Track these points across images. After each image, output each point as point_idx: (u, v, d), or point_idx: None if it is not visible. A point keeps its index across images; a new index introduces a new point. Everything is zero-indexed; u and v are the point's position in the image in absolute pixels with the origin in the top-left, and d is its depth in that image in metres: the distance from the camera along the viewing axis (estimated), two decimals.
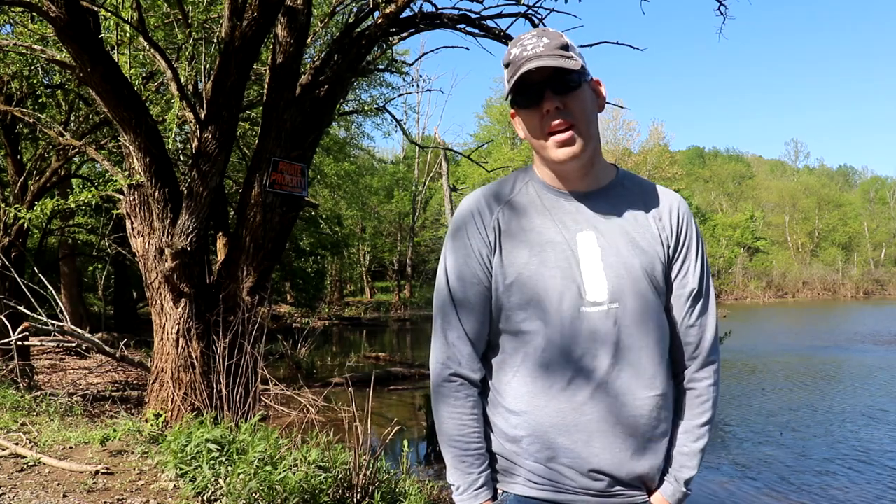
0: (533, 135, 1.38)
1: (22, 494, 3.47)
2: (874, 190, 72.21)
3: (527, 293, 1.35)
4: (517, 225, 1.39)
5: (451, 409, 1.41)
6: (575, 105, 1.34)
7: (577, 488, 1.36)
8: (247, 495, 3.26)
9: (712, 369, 1.44)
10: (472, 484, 1.39)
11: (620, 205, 1.42)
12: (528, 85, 1.33)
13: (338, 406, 5.49)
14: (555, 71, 1.32)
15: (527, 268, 1.36)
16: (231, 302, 5.16)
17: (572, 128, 1.33)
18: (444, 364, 1.42)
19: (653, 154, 47.92)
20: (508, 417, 1.39)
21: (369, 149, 31.20)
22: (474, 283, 1.40)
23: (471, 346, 1.42)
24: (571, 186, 1.41)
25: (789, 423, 9.14)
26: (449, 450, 1.41)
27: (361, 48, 5.58)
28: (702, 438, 1.42)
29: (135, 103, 4.85)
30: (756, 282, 52.66)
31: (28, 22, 6.21)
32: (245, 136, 9.66)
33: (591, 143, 1.37)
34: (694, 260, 1.42)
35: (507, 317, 1.39)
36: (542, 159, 1.41)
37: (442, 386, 1.42)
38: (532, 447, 1.36)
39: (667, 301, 1.42)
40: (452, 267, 1.42)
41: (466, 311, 1.41)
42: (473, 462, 1.39)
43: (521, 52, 1.34)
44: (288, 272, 21.14)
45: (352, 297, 37.00)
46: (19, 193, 8.46)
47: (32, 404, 5.76)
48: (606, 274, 1.35)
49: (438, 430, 1.43)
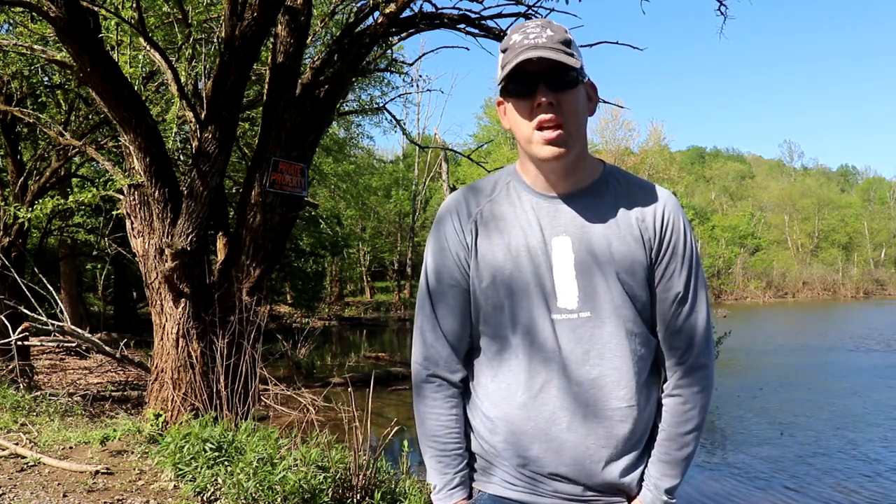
0: (519, 126, 1.33)
1: (22, 494, 3.47)
2: (874, 190, 72.20)
3: (500, 298, 1.34)
4: (494, 227, 1.37)
5: (429, 409, 1.42)
6: (568, 103, 1.29)
7: (550, 492, 1.35)
8: (246, 495, 3.26)
9: (701, 375, 1.38)
10: (447, 483, 1.40)
11: (601, 206, 1.36)
12: (523, 74, 1.28)
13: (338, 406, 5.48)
14: (553, 65, 1.27)
15: (501, 272, 1.34)
16: (231, 302, 5.16)
17: (561, 126, 1.28)
18: (422, 365, 1.43)
19: (652, 154, 47.94)
20: (485, 421, 1.39)
21: (369, 148, 31.22)
22: (451, 284, 1.39)
23: (449, 348, 1.41)
24: (553, 187, 1.37)
25: (789, 423, 9.14)
26: (427, 449, 1.43)
27: (361, 48, 5.58)
28: (687, 447, 1.37)
29: (135, 103, 4.85)
30: (756, 282, 52.64)
31: (28, 22, 6.21)
32: (245, 136, 9.65)
33: (578, 145, 1.32)
34: (680, 262, 1.35)
35: (483, 319, 1.38)
36: (525, 154, 1.36)
37: (421, 386, 1.43)
38: (506, 452, 1.36)
39: (651, 305, 1.37)
40: (431, 267, 1.42)
41: (445, 312, 1.40)
42: (450, 462, 1.40)
43: (522, 38, 1.29)
44: (288, 272, 21.12)
45: (352, 297, 36.98)
46: (19, 193, 8.46)
47: (32, 404, 5.76)
48: (578, 281, 1.32)
49: (418, 429, 1.44)
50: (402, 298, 36.39)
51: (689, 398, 1.38)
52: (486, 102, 47.54)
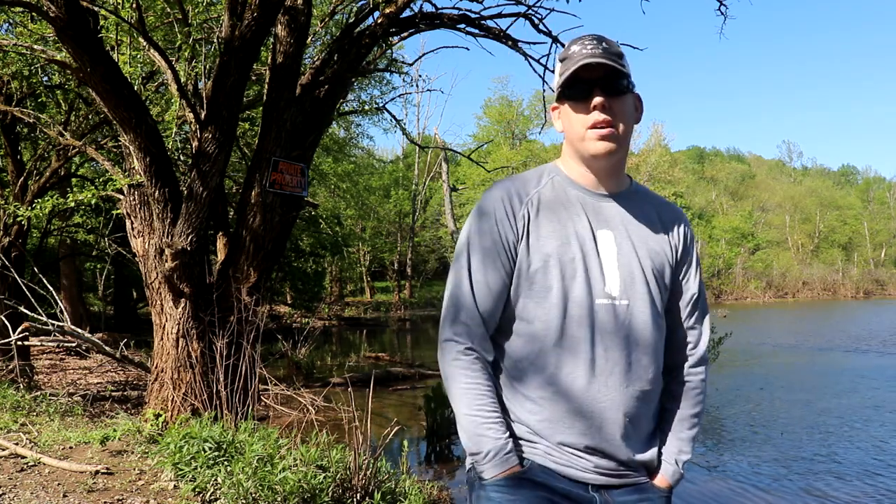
0: (573, 126, 1.46)
1: (22, 494, 3.47)
2: (873, 190, 72.19)
3: (549, 282, 1.42)
4: (545, 216, 1.46)
5: (469, 379, 1.43)
6: (620, 108, 1.43)
7: (592, 468, 1.44)
8: (246, 495, 3.26)
9: (705, 367, 1.59)
10: (502, 448, 1.41)
11: (638, 210, 1.52)
12: (581, 80, 1.42)
13: (338, 406, 5.48)
14: (609, 71, 1.41)
15: (552, 258, 1.43)
16: (231, 302, 5.16)
17: (613, 126, 1.42)
18: (458, 339, 1.45)
19: (654, 155, 47.88)
20: (524, 403, 1.45)
21: (369, 148, 31.23)
22: (497, 267, 1.45)
23: (483, 329, 1.47)
24: (596, 186, 1.50)
25: (789, 423, 9.14)
26: (471, 419, 1.42)
27: (361, 48, 5.58)
28: (695, 427, 1.57)
29: (135, 103, 4.85)
30: (756, 282, 52.62)
31: (28, 22, 6.22)
32: (245, 136, 9.65)
33: (624, 148, 1.47)
34: (695, 268, 1.57)
35: (524, 304, 1.45)
36: (576, 152, 1.48)
37: (458, 358, 1.45)
38: (548, 430, 1.43)
39: (670, 303, 1.54)
40: (477, 251, 1.47)
41: (483, 295, 1.45)
42: (499, 428, 1.42)
43: (580, 49, 1.42)
44: (288, 272, 21.11)
45: (352, 297, 36.95)
46: (19, 193, 8.46)
47: (32, 404, 5.76)
48: (620, 272, 1.45)
49: (457, 407, 1.44)
50: (402, 298, 36.39)
51: (697, 385, 1.57)
52: (485, 103, 47.57)
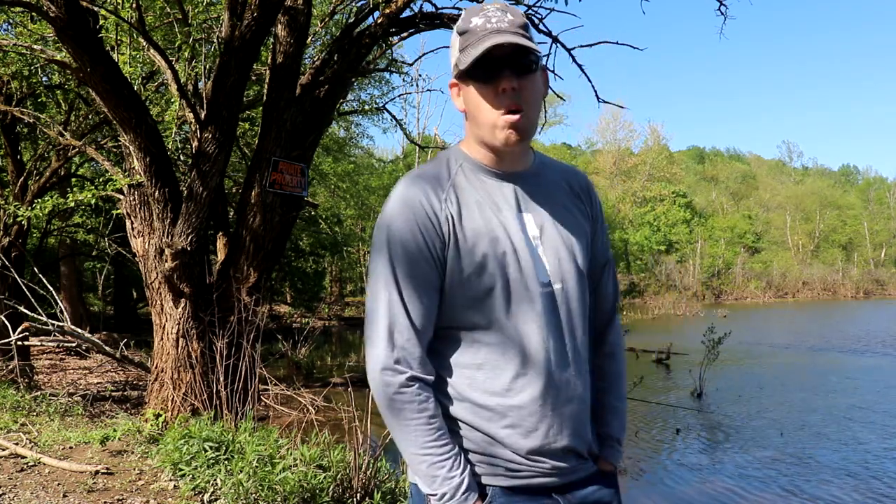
0: (482, 111, 1.31)
1: (22, 494, 3.48)
2: (873, 190, 72.17)
3: (486, 281, 1.30)
4: (467, 213, 1.32)
5: (415, 415, 1.29)
6: (528, 88, 1.30)
7: (549, 470, 1.34)
8: (246, 495, 3.26)
9: (620, 330, 1.56)
10: (458, 487, 1.28)
11: (551, 184, 1.42)
12: (489, 59, 1.26)
13: (338, 406, 5.47)
14: (516, 49, 1.27)
15: (484, 257, 1.30)
16: (230, 302, 5.16)
17: (524, 112, 1.29)
18: (394, 370, 1.30)
19: (653, 153, 47.91)
20: (479, 411, 1.32)
21: (369, 148, 31.22)
22: (429, 278, 1.31)
23: (420, 348, 1.32)
24: (504, 167, 1.38)
25: (789, 423, 9.14)
26: (422, 460, 1.30)
27: (361, 48, 5.59)
28: (624, 399, 1.51)
29: (135, 103, 4.85)
30: (756, 282, 52.57)
31: (28, 22, 6.22)
32: (245, 136, 9.65)
33: (534, 129, 1.35)
34: (604, 231, 1.50)
35: (462, 307, 1.32)
36: (481, 137, 1.35)
37: (399, 393, 1.30)
38: (510, 437, 1.32)
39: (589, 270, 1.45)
40: (402, 262, 1.31)
41: (417, 310, 1.31)
42: (453, 465, 1.29)
43: (483, 22, 1.28)
44: (287, 272, 21.12)
45: (352, 296, 36.97)
46: (19, 193, 8.47)
47: (32, 404, 5.76)
48: (548, 256, 1.35)
49: (403, 444, 1.31)
50: None
51: (619, 354, 1.53)
52: None
